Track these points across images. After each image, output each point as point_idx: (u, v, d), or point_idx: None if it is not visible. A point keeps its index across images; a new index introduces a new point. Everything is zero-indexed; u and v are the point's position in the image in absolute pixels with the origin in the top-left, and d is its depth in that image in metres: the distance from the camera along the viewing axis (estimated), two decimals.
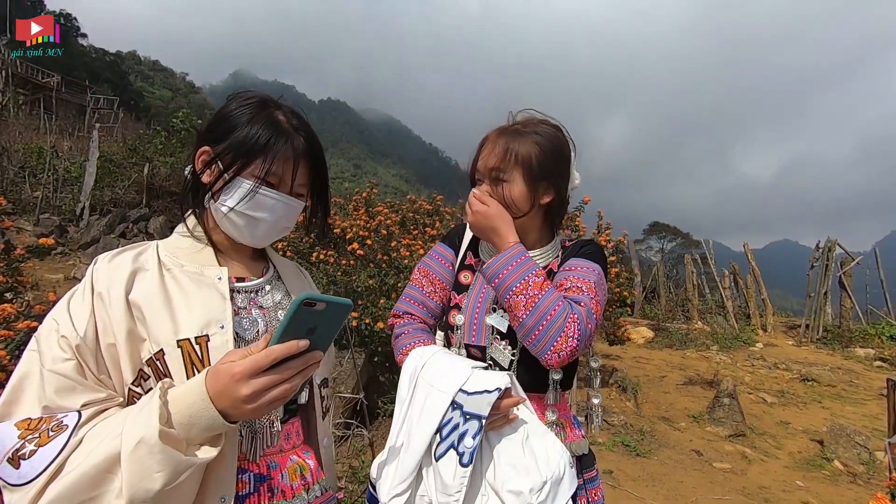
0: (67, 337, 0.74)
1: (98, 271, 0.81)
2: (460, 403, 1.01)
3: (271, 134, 0.86)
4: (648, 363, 7.64)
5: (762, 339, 10.03)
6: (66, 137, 14.86)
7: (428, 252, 1.34)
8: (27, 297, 3.33)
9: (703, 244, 13.31)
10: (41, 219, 9.17)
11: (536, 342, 1.04)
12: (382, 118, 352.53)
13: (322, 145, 0.95)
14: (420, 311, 1.25)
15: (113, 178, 10.80)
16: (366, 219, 5.24)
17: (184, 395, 0.69)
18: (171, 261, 0.87)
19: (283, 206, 0.89)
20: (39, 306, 2.78)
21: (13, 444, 0.68)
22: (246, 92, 0.93)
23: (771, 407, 6.10)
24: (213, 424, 0.68)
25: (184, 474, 0.66)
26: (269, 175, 0.87)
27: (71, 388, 0.72)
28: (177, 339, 0.78)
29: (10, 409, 0.72)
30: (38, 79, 24.46)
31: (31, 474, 0.65)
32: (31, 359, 0.75)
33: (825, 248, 10.62)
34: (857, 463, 4.50)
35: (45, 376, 0.72)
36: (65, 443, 0.67)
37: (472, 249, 1.29)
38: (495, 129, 1.21)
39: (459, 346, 1.20)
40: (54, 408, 0.71)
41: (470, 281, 1.25)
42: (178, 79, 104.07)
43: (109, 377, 0.76)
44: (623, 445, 4.52)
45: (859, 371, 7.80)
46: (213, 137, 0.89)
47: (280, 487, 0.85)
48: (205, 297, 0.83)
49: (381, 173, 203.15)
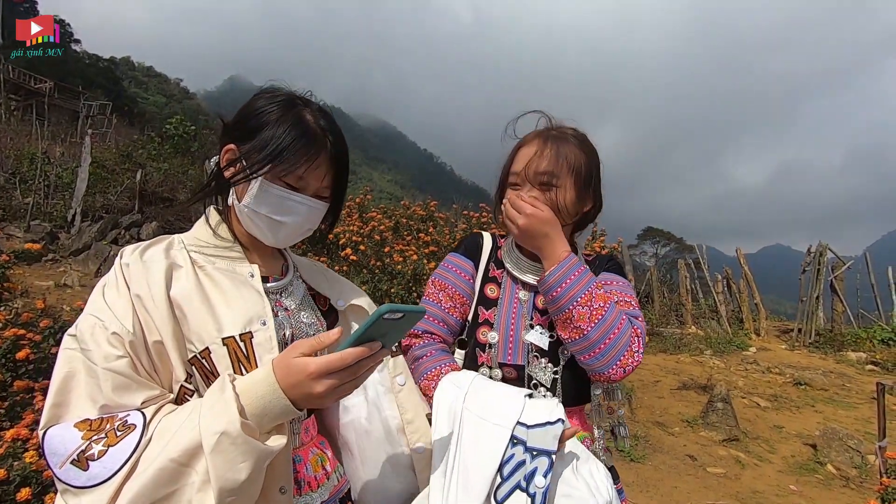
0: (119, 333, 0.73)
1: (131, 268, 0.79)
2: (521, 438, 0.91)
3: (299, 136, 0.84)
4: (642, 368, 7.64)
5: (755, 343, 10.07)
6: (59, 143, 14.76)
7: (442, 263, 1.24)
8: (16, 304, 3.29)
9: (697, 249, 13.38)
10: (32, 225, 9.08)
11: (601, 356, 1.02)
12: (377, 124, 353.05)
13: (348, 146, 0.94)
14: (441, 329, 1.16)
15: (105, 184, 10.73)
16: (359, 224, 5.24)
17: (254, 386, 0.70)
18: (201, 258, 0.86)
19: (308, 209, 0.88)
20: (27, 314, 2.75)
21: (77, 446, 0.67)
22: (274, 89, 0.91)
23: (764, 411, 6.12)
24: (285, 413, 0.70)
25: (265, 463, 0.68)
26: (293, 178, 0.85)
27: (127, 386, 0.71)
28: (221, 336, 0.78)
29: (60, 411, 0.71)
30: (31, 84, 24.32)
31: (104, 475, 0.64)
32: (73, 357, 0.73)
33: (817, 253, 10.70)
34: (850, 467, 4.52)
35: (100, 375, 0.70)
36: (138, 440, 0.67)
37: (493, 261, 1.23)
38: (535, 133, 1.16)
39: (493, 366, 1.12)
40: (113, 406, 0.70)
41: (497, 294, 1.18)
42: (172, 84, 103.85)
43: (157, 374, 0.76)
44: (617, 451, 4.51)
45: (851, 375, 7.84)
46: (239, 134, 0.88)
47: (306, 480, 0.86)
48: (242, 295, 0.84)
49: (376, 178, 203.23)
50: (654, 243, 36.11)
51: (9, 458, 1.80)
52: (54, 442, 0.68)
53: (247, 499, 0.68)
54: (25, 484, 1.73)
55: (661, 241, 36.17)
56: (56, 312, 3.51)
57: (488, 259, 1.22)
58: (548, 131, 1.16)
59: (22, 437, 1.82)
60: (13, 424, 1.98)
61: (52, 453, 0.67)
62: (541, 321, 1.14)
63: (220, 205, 0.93)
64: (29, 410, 2.09)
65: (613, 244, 5.72)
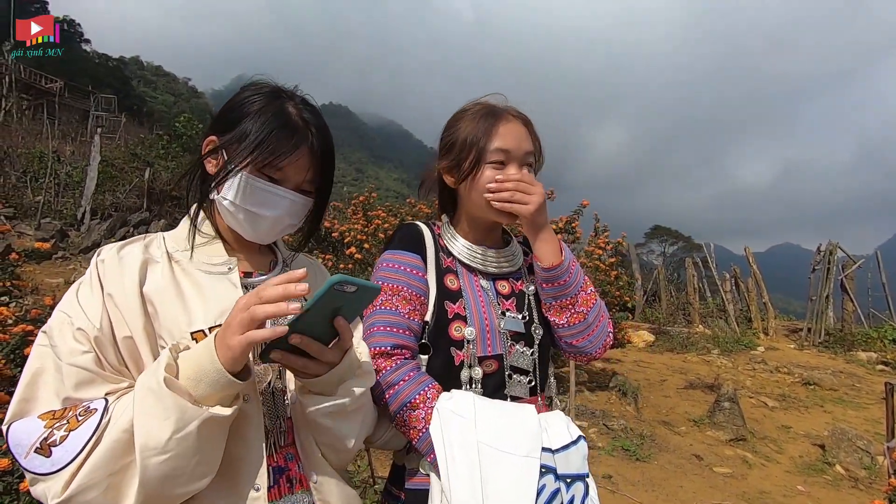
0: (84, 329, 0.73)
1: (106, 265, 0.79)
2: (550, 466, 0.85)
3: (279, 126, 0.82)
4: (649, 367, 7.61)
5: (763, 342, 9.99)
6: (69, 142, 14.92)
7: (383, 265, 1.09)
8: (26, 301, 3.33)
9: (705, 248, 13.29)
10: (42, 223, 9.20)
11: (593, 338, 1.05)
12: (382, 122, 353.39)
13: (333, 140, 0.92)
14: (409, 338, 1.02)
15: (114, 183, 10.85)
16: (363, 223, 5.25)
17: (193, 352, 0.71)
18: (179, 253, 0.85)
19: (288, 202, 0.86)
20: (36, 311, 2.78)
21: (39, 434, 0.67)
22: (259, 81, 0.90)
23: (772, 411, 6.07)
24: (219, 379, 0.68)
25: (192, 423, 0.65)
26: (273, 169, 0.83)
27: (91, 381, 0.71)
28: (190, 331, 0.77)
29: (28, 405, 0.71)
30: (42, 84, 24.59)
31: (65, 458, 0.65)
32: (43, 354, 0.73)
33: (827, 252, 10.58)
34: (859, 467, 4.47)
35: (64, 370, 0.71)
36: (98, 422, 0.67)
37: (441, 251, 1.14)
38: (512, 111, 1.12)
39: (472, 364, 1.04)
40: (75, 401, 0.71)
41: (458, 286, 1.10)
42: (180, 84, 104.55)
43: (127, 368, 0.75)
44: (623, 450, 4.49)
45: (861, 375, 7.76)
46: (221, 126, 0.86)
47: (298, 477, 0.85)
48: (217, 288, 0.83)
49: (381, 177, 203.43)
50: (661, 242, 35.91)
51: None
52: (18, 434, 0.69)
53: (181, 466, 0.66)
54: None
55: (669, 240, 35.96)
56: None
57: (435, 249, 1.12)
58: (514, 109, 1.13)
59: None
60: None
61: (16, 445, 0.68)
62: (508, 306, 1.11)
63: (203, 200, 0.90)
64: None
65: (618, 239, 5.69)
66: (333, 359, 0.77)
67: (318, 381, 0.78)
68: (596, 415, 5.08)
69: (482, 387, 1.04)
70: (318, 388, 0.80)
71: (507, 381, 1.06)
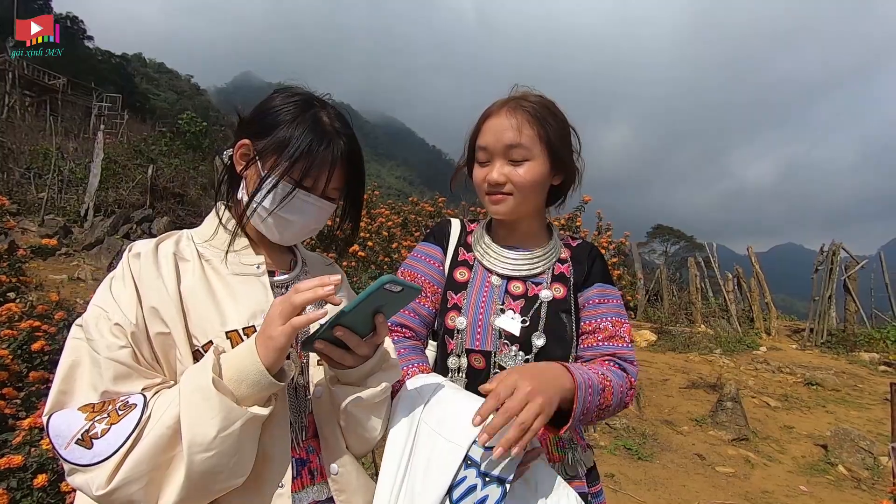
0: (121, 324, 0.74)
1: (141, 261, 0.81)
2: (477, 461, 0.82)
3: (314, 137, 0.85)
4: (651, 366, 7.61)
5: (766, 342, 9.97)
6: (72, 139, 14.96)
7: (410, 254, 1.19)
8: (31, 297, 3.34)
9: (707, 247, 13.25)
10: (46, 219, 9.22)
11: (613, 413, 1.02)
12: (386, 121, 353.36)
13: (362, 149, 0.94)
14: (413, 320, 1.10)
15: (117, 180, 10.87)
16: (367, 220, 5.26)
17: (236, 354, 0.73)
18: (208, 252, 0.87)
19: (317, 209, 0.89)
20: (42, 307, 2.80)
21: (80, 426, 0.69)
22: (291, 88, 0.92)
23: (774, 411, 6.06)
24: (260, 380, 0.71)
25: (236, 423, 0.69)
26: (309, 179, 0.86)
27: (128, 375, 0.73)
28: (225, 330, 0.80)
29: (65, 398, 0.73)
30: (45, 81, 24.66)
31: (108, 451, 0.67)
32: (79, 347, 0.75)
33: (830, 252, 10.55)
34: (862, 468, 4.47)
35: (102, 364, 0.72)
36: (139, 417, 0.69)
37: (462, 245, 1.18)
38: (500, 102, 1.07)
39: (460, 353, 1.07)
40: (113, 394, 0.72)
41: (467, 278, 1.12)
42: (183, 81, 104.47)
43: (160, 364, 0.77)
44: (625, 449, 4.49)
45: (864, 375, 7.74)
46: (254, 131, 0.88)
47: (319, 470, 0.87)
48: (247, 288, 0.85)
49: (385, 175, 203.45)
50: (663, 241, 35.85)
51: (26, 446, 1.83)
52: (59, 425, 0.71)
53: (224, 463, 0.69)
54: (42, 471, 1.76)
55: (671, 239, 35.90)
56: (70, 305, 3.56)
57: (457, 243, 1.16)
58: (513, 99, 1.07)
59: (38, 426, 1.85)
60: (29, 414, 2.01)
61: (56, 436, 0.70)
62: (513, 306, 1.08)
63: (229, 199, 0.94)
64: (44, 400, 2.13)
65: (621, 238, 5.69)
66: (367, 352, 0.81)
67: (351, 373, 0.82)
68: None
69: (466, 377, 1.06)
70: (349, 379, 0.83)
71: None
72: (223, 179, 0.94)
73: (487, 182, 1.06)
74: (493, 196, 1.07)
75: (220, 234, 0.90)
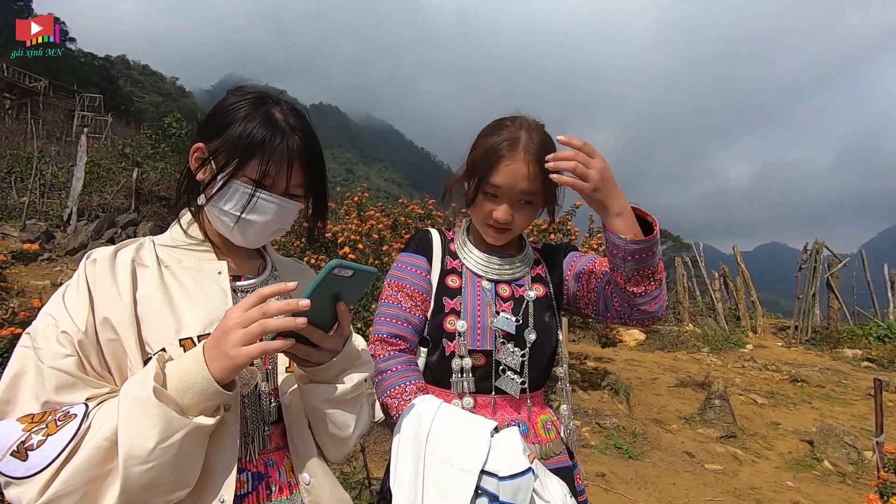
0: (68, 332, 0.72)
1: (97, 267, 0.78)
2: (493, 493, 0.84)
3: (266, 133, 0.82)
4: (640, 366, 7.67)
5: (752, 340, 10.11)
6: (54, 142, 14.70)
7: (394, 265, 1.24)
8: (12, 303, 3.28)
9: (694, 247, 13.42)
10: (28, 224, 9.05)
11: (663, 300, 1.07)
12: (374, 122, 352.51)
13: (321, 144, 0.92)
14: (405, 329, 1.15)
15: (101, 183, 10.70)
16: (357, 223, 5.23)
17: (181, 361, 0.70)
18: (168, 257, 0.85)
19: (277, 208, 0.86)
20: (24, 313, 2.74)
21: (17, 437, 0.66)
22: (245, 87, 0.90)
23: (761, 408, 6.14)
24: (207, 389, 0.68)
25: (177, 433, 0.66)
26: (264, 177, 0.83)
27: (72, 385, 0.71)
28: (179, 338, 0.77)
29: (7, 407, 0.70)
30: (26, 83, 24.17)
31: (42, 463, 0.64)
32: (25, 355, 0.72)
33: (813, 251, 10.75)
34: (847, 463, 4.54)
35: (45, 373, 0.70)
36: (77, 428, 0.66)
37: (448, 254, 1.24)
38: (521, 147, 1.09)
39: (463, 354, 1.13)
40: (55, 404, 0.70)
41: (459, 284, 1.19)
42: (168, 83, 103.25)
43: (110, 373, 0.74)
44: (615, 448, 4.52)
45: (847, 371, 7.88)
46: (207, 133, 0.86)
47: (278, 485, 0.84)
48: (206, 294, 0.82)
49: (372, 177, 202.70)
50: None
51: None
52: None
53: (163, 476, 0.66)
54: None
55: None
56: None
57: (442, 253, 1.23)
58: (532, 146, 1.10)
59: None
60: None
61: None
62: (505, 307, 1.17)
63: (191, 205, 0.91)
64: None
65: None
66: (335, 346, 0.79)
67: (320, 370, 0.80)
68: (589, 413, 5.11)
69: (472, 376, 1.13)
70: (320, 377, 0.81)
71: (501, 375, 1.13)
72: (182, 185, 0.91)
73: (494, 219, 1.13)
74: (494, 229, 1.15)
75: (182, 240, 0.88)
